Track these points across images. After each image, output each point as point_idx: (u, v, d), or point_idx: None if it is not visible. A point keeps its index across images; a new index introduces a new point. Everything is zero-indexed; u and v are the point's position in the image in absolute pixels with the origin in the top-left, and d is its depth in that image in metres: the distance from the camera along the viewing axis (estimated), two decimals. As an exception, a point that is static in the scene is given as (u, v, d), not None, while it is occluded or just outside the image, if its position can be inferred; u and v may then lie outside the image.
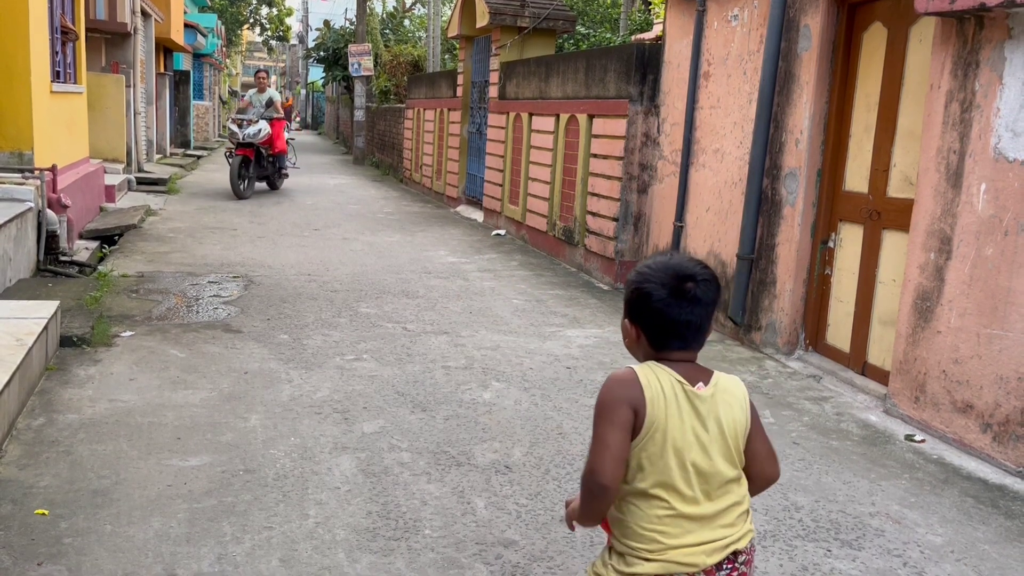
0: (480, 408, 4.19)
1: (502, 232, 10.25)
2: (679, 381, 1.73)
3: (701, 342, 1.79)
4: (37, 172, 7.11)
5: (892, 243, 4.66)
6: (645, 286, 1.76)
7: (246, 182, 12.34)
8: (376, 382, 4.49)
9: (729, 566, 1.75)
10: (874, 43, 4.84)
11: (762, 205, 5.52)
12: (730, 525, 1.75)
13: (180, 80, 23.24)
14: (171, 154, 19.09)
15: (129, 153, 13.72)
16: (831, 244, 5.16)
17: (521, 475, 3.42)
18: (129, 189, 12.37)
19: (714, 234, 6.12)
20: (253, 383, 4.38)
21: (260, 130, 12.21)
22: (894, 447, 3.97)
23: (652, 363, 1.77)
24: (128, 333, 5.13)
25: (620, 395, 1.72)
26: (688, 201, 6.52)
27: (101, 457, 3.39)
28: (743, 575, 1.77)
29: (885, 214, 4.72)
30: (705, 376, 1.77)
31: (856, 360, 4.91)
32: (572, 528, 1.94)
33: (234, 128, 12.31)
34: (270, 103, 12.83)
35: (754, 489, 1.84)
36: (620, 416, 1.70)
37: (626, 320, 1.83)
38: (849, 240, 5.02)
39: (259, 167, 12.76)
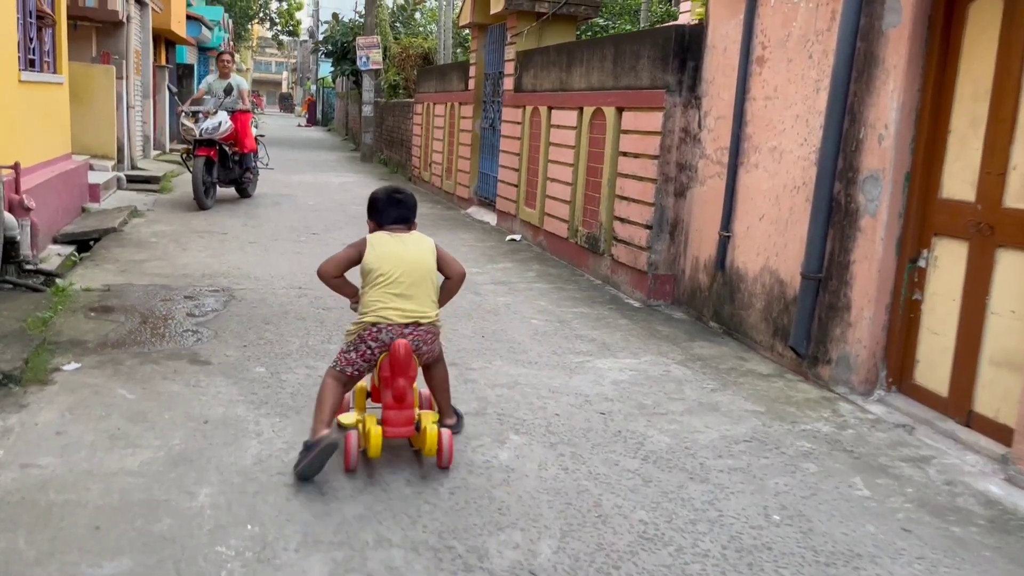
0: (496, 475, 3.30)
1: (517, 237, 9.35)
2: (389, 234, 3.41)
3: (408, 223, 3.47)
4: (-5, 170, 6.27)
5: (1011, 264, 3.74)
6: (376, 196, 3.49)
7: (208, 189, 10.21)
8: (366, 435, 3.61)
9: (413, 327, 3.30)
10: (985, 16, 3.92)
11: (833, 214, 4.61)
12: (418, 305, 3.32)
13: (183, 74, 22.44)
14: (170, 150, 18.25)
15: (121, 149, 12.87)
16: (922, 263, 4.25)
17: (551, 586, 2.54)
18: (118, 188, 11.53)
19: (770, 247, 5.20)
20: (212, 438, 3.50)
21: (220, 123, 10.01)
22: (1033, 535, 3.06)
23: (377, 232, 3.45)
24: (72, 366, 4.26)
25: (354, 246, 3.41)
26: (736, 207, 5.60)
27: (-14, 559, 2.52)
28: (419, 337, 3.31)
29: (1000, 228, 3.79)
30: (408, 232, 3.46)
31: (957, 407, 3.99)
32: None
33: (188, 124, 10.13)
34: (230, 90, 10.65)
35: (453, 284, 3.51)
36: (351, 252, 3.40)
37: (369, 220, 3.50)
38: (947, 259, 4.10)
39: (224, 169, 10.54)
